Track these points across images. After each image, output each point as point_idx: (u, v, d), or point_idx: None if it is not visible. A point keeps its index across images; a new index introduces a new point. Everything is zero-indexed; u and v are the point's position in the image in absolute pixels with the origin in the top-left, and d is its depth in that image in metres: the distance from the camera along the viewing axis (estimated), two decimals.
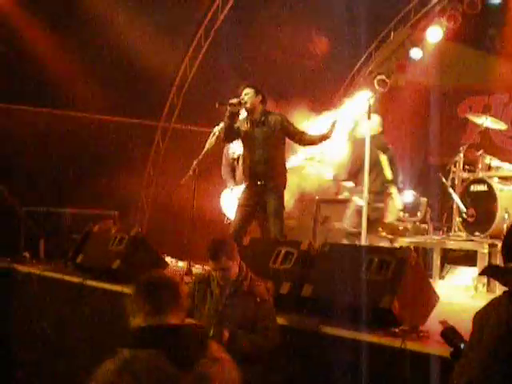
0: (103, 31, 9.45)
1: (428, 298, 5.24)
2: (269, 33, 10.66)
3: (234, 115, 7.20)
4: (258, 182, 7.22)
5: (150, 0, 9.64)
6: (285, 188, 7.34)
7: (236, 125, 7.27)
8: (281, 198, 7.23)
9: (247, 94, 7.20)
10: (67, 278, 7.63)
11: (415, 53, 11.75)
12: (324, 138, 7.24)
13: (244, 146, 7.44)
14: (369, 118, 7.09)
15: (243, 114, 7.35)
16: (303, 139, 7.33)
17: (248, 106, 7.19)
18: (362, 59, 12.56)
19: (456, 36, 11.33)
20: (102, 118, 10.39)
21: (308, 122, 8.22)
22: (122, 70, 9.94)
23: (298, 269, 5.68)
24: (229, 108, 7.11)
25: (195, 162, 7.93)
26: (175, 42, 10.55)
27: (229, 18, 10.55)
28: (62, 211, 9.48)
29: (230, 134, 7.35)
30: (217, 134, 8.18)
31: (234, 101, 7.11)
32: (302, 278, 5.59)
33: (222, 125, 8.08)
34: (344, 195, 10.74)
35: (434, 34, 11.37)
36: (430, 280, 8.02)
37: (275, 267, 5.80)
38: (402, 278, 5.03)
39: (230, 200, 8.50)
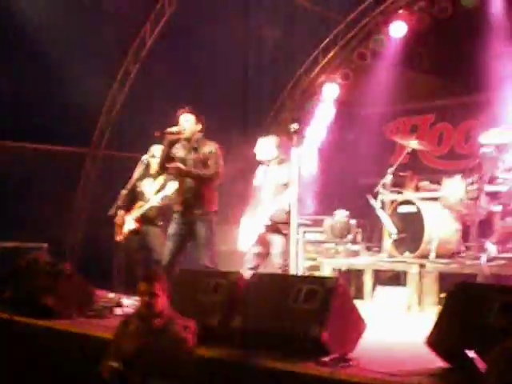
0: (31, 51, 9.30)
1: (356, 326, 5.28)
2: (199, 55, 10.65)
3: (173, 144, 7.15)
4: (189, 211, 7.18)
5: (79, 22, 9.49)
6: (215, 215, 7.29)
7: (172, 152, 7.20)
8: (211, 226, 7.19)
9: (188, 120, 7.16)
10: None
11: (343, 73, 11.90)
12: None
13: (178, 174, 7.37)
14: (296, 145, 7.10)
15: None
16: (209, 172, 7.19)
17: (188, 135, 7.15)
18: (291, 84, 12.62)
19: (385, 56, 11.52)
20: (23, 144, 10.16)
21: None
22: (48, 94, 9.76)
23: (227, 300, 5.64)
24: (168, 137, 7.06)
25: (123, 192, 7.84)
26: (104, 66, 10.44)
27: (158, 43, 10.54)
28: None
29: (166, 163, 7.23)
30: (145, 162, 8.12)
31: (174, 129, 7.06)
32: (231, 309, 5.56)
33: (150, 153, 8.04)
34: None
35: (362, 55, 11.56)
36: (362, 301, 8.19)
37: (205, 299, 5.76)
38: (329, 307, 5.05)
39: None
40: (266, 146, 7.75)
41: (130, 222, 8.59)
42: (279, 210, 7.39)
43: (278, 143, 7.71)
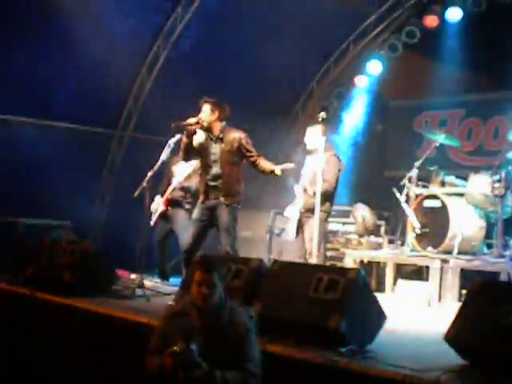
0: (63, 37, 9.33)
1: (376, 318, 5.27)
2: (228, 42, 10.62)
3: (192, 134, 7.17)
4: (212, 198, 7.20)
5: (110, 7, 9.49)
6: (239, 204, 7.31)
7: (195, 141, 7.22)
8: (233, 213, 7.21)
9: (205, 111, 7.19)
10: (16, 290, 7.49)
11: (373, 65, 11.82)
12: (273, 174, 7.25)
13: (201, 162, 7.40)
14: (324, 134, 7.12)
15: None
16: (256, 164, 7.27)
17: (205, 124, 7.16)
18: (322, 71, 12.59)
19: (415, 49, 11.43)
20: (55, 124, 10.23)
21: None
22: (79, 76, 9.81)
23: (247, 286, 5.66)
24: (186, 129, 7.10)
25: (150, 174, 7.87)
26: (133, 50, 10.45)
27: (188, 28, 10.52)
28: (14, 221, 9.30)
29: (188, 153, 7.34)
30: (172, 146, 8.15)
31: (191, 121, 7.10)
32: (251, 295, 5.57)
33: (177, 137, 8.06)
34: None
35: (393, 46, 11.48)
36: (383, 294, 8.17)
37: (226, 284, 5.76)
38: (350, 297, 5.05)
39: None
40: (314, 135, 7.86)
41: (159, 205, 8.69)
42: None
43: (324, 132, 7.68)
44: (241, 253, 7.48)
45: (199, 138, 7.21)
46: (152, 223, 8.65)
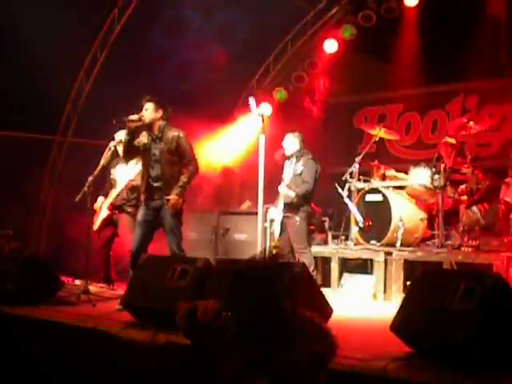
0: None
1: (322, 311, 5.31)
2: (167, 45, 10.57)
3: (134, 132, 7.11)
4: (156, 199, 7.16)
5: (48, 9, 9.35)
6: (183, 204, 7.26)
7: (136, 140, 7.17)
8: (177, 213, 7.16)
9: (147, 109, 7.12)
10: None
11: (312, 63, 11.89)
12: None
13: (143, 162, 7.34)
14: (263, 132, 7.15)
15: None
16: (187, 166, 7.17)
17: (147, 122, 7.10)
18: (261, 71, 12.64)
19: (352, 46, 11.55)
20: None
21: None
22: (16, 82, 9.63)
23: (193, 286, 5.65)
24: (128, 125, 7.02)
25: (90, 178, 7.79)
26: (71, 53, 10.32)
27: (125, 30, 10.43)
28: None
29: (129, 151, 7.25)
30: (112, 148, 8.09)
31: (133, 117, 7.02)
32: (198, 295, 5.56)
33: (117, 139, 8.00)
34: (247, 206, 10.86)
35: (330, 45, 11.57)
36: (329, 289, 8.25)
37: (171, 285, 5.76)
38: (295, 291, 5.08)
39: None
40: (292, 141, 8.35)
41: (103, 211, 8.59)
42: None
43: (302, 138, 8.41)
44: (188, 254, 7.46)
45: (142, 138, 7.16)
46: (95, 227, 8.55)
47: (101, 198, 8.64)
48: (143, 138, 7.19)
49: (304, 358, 3.30)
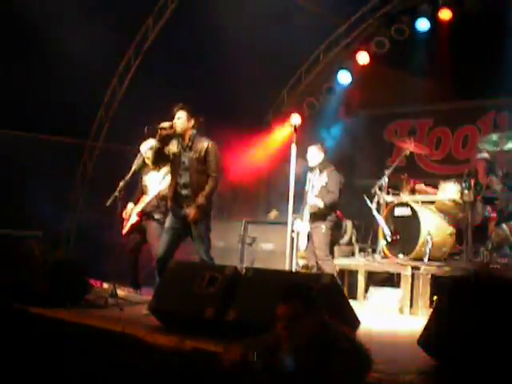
0: (36, 48, 9.30)
1: (350, 323, 5.31)
2: (199, 53, 10.64)
3: (165, 139, 7.14)
4: (184, 206, 7.20)
5: (82, 17, 9.46)
6: (210, 211, 7.31)
7: (166, 148, 7.22)
8: (205, 221, 7.19)
9: (180, 117, 7.13)
10: None
11: (343, 75, 11.91)
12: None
13: (171, 169, 7.38)
14: (295, 142, 7.18)
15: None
16: (210, 177, 7.14)
17: (178, 131, 7.13)
18: (292, 81, 12.68)
19: (384, 59, 11.55)
20: (26, 135, 10.17)
21: None
22: (51, 87, 9.74)
23: (222, 293, 5.68)
24: (159, 132, 7.06)
25: (121, 183, 7.85)
26: (105, 59, 10.42)
27: (159, 38, 10.53)
28: None
29: (159, 158, 7.28)
30: (144, 155, 8.14)
31: (165, 125, 7.04)
32: (226, 302, 5.59)
33: (149, 145, 8.05)
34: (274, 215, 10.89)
35: (362, 57, 11.58)
36: (355, 301, 8.23)
37: (200, 291, 5.79)
38: (325, 302, 5.08)
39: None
40: (315, 153, 8.52)
41: (132, 217, 8.64)
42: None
43: (325, 150, 8.65)
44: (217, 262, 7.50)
45: (172, 147, 7.20)
46: (124, 232, 8.60)
47: (131, 205, 8.68)
48: (173, 146, 7.22)
49: (340, 373, 3.34)
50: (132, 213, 8.63)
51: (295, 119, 7.11)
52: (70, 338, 6.26)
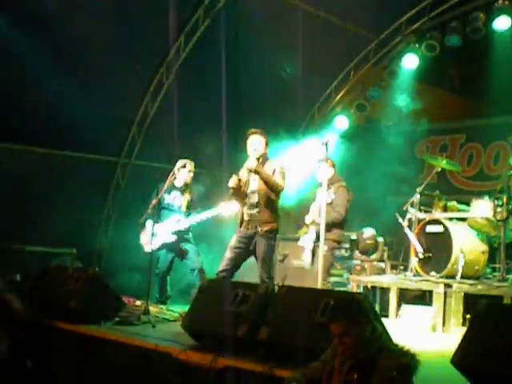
0: (70, 64, 9.42)
1: None
2: (231, 69, 10.69)
3: (236, 188, 7.45)
4: (250, 227, 7.38)
5: (113, 34, 9.57)
6: (276, 233, 7.50)
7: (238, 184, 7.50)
8: (270, 242, 7.39)
9: (260, 143, 7.43)
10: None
11: (374, 91, 11.92)
12: None
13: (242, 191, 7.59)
14: (326, 160, 7.19)
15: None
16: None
17: (256, 164, 7.35)
18: (322, 98, 12.71)
19: (415, 75, 11.54)
20: (59, 152, 10.31)
21: None
22: (84, 104, 9.83)
23: (255, 311, 5.69)
24: (230, 190, 7.41)
25: (155, 201, 7.93)
26: (137, 77, 10.55)
27: (191, 56, 10.62)
28: (20, 248, 9.33)
29: (235, 196, 7.62)
30: (176, 173, 8.23)
31: (233, 184, 7.37)
32: (258, 320, 5.61)
33: (180, 164, 8.17)
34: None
35: (393, 72, 11.59)
36: (387, 319, 8.19)
37: (233, 309, 5.81)
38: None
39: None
40: (323, 169, 8.19)
41: (165, 235, 8.70)
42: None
43: (332, 165, 8.48)
44: (244, 278, 7.56)
45: (242, 176, 7.52)
46: (151, 248, 8.57)
47: (150, 221, 8.63)
48: (242, 175, 7.50)
49: (392, 370, 3.72)
50: (158, 230, 8.64)
51: (328, 137, 7.11)
52: (101, 355, 6.33)
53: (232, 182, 7.34)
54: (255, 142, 7.42)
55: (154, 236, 8.34)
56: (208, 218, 8.45)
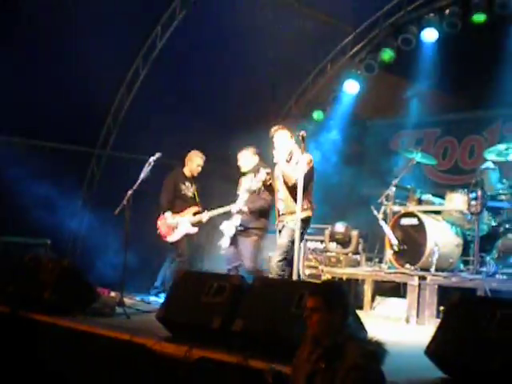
0: (42, 55, 9.33)
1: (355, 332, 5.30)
2: (206, 60, 10.66)
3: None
4: (279, 218, 7.76)
5: (91, 25, 9.47)
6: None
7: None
8: (289, 232, 7.46)
9: (276, 148, 7.76)
10: None
11: (350, 85, 11.93)
12: None
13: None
14: (303, 152, 7.17)
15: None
16: None
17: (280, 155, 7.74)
18: (299, 92, 12.71)
19: (391, 68, 11.57)
20: (32, 142, 10.21)
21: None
22: (58, 95, 9.75)
23: (229, 303, 5.69)
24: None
25: (130, 192, 7.89)
26: (113, 68, 10.45)
27: (168, 46, 10.56)
28: None
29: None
30: (152, 163, 8.18)
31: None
32: (233, 312, 5.60)
33: (157, 155, 8.13)
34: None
35: (370, 66, 11.61)
36: (361, 311, 8.23)
37: (207, 301, 5.80)
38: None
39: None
40: (246, 158, 8.56)
41: (186, 226, 8.97)
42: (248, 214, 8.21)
43: (256, 152, 8.59)
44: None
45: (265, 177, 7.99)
46: (173, 239, 8.97)
47: (169, 213, 8.97)
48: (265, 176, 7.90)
49: (358, 357, 3.71)
50: (178, 221, 8.90)
51: (302, 131, 7.09)
52: (75, 346, 6.29)
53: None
54: (275, 142, 7.75)
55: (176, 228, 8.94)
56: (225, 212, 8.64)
